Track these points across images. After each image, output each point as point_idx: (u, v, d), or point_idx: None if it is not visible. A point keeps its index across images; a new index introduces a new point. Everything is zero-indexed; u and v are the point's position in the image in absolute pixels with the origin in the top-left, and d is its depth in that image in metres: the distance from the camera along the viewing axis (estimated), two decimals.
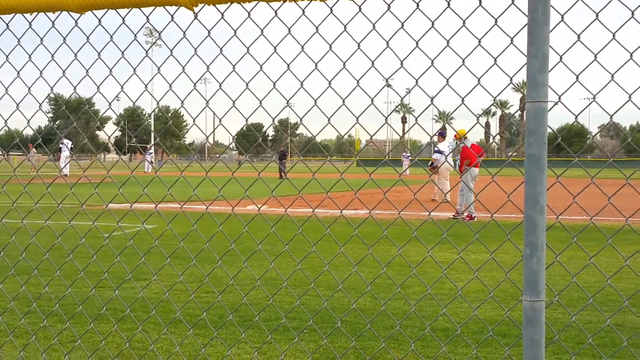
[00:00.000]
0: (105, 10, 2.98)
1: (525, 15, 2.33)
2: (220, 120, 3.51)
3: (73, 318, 5.55)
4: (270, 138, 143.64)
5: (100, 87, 3.61)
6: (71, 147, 36.54)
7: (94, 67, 3.57)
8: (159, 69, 3.52)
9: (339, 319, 4.30)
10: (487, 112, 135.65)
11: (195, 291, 6.67)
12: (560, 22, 2.46)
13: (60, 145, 34.87)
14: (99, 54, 3.54)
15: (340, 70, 3.00)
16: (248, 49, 3.16)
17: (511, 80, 2.69)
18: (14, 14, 3.18)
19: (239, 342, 5.24)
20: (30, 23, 3.45)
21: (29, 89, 3.73)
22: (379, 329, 5.58)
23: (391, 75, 3.10)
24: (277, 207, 16.09)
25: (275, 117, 3.31)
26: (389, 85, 3.58)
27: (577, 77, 2.53)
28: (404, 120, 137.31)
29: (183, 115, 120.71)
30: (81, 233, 3.89)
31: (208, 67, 3.29)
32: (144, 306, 6.10)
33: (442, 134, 18.84)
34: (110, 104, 3.70)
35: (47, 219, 3.75)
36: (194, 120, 3.49)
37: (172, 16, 3.08)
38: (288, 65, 3.11)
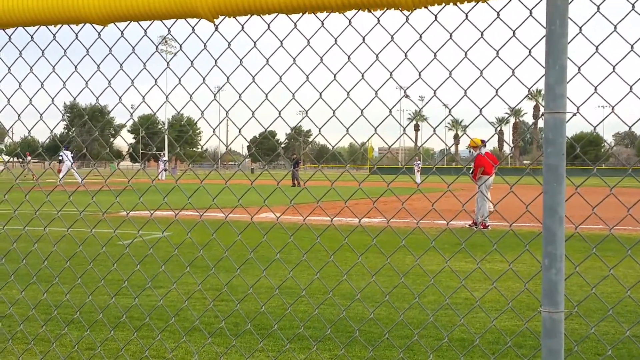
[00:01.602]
0: (128, 22, 3.03)
1: (543, 27, 2.35)
2: (240, 130, 3.55)
3: (92, 326, 5.60)
4: (282, 146, 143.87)
5: (121, 97, 3.67)
6: (72, 157, 36.58)
7: (110, 76, 3.62)
8: (179, 79, 3.56)
9: (356, 328, 4.32)
10: (500, 121, 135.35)
11: (214, 300, 6.70)
12: (578, 33, 2.48)
13: (60, 156, 34.90)
14: (121, 65, 3.58)
15: (359, 81, 3.04)
16: (267, 60, 3.20)
17: (529, 91, 2.71)
18: (38, 26, 3.23)
19: (256, 351, 5.27)
20: (54, 35, 3.51)
21: (53, 99, 3.79)
22: (395, 339, 5.59)
23: (409, 86, 3.13)
24: (291, 215, 16.12)
25: (294, 128, 3.35)
26: (407, 96, 3.61)
27: (595, 89, 2.55)
28: (417, 128, 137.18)
29: (196, 123, 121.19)
30: (102, 241, 3.94)
31: (228, 78, 3.33)
32: (162, 314, 6.14)
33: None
34: (132, 114, 3.75)
35: (69, 227, 3.81)
36: (214, 131, 3.54)
37: (192, 28, 3.13)
38: (307, 77, 3.15)
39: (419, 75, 2.95)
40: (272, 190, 3.70)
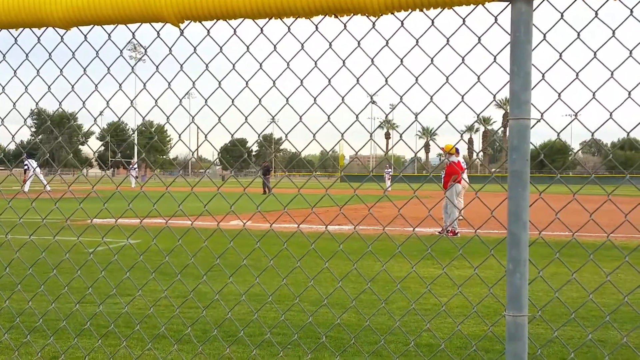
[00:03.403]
0: (91, 26, 2.99)
1: (508, 34, 2.37)
2: (205, 136, 3.52)
3: (56, 334, 5.52)
4: (254, 153, 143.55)
5: (85, 102, 3.62)
6: (36, 166, 36.05)
7: (75, 81, 3.58)
8: (144, 84, 3.53)
9: (323, 334, 4.31)
10: (470, 129, 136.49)
11: (180, 306, 6.65)
12: (542, 40, 2.51)
13: (25, 165, 34.40)
14: (84, 69, 3.55)
15: (326, 87, 3.03)
16: (234, 65, 3.18)
17: (494, 97, 2.73)
18: (22, 29, 3.18)
19: (223, 357, 5.23)
20: (15, 39, 3.46)
21: (14, 104, 3.73)
22: (362, 345, 5.59)
23: (376, 92, 3.12)
24: (261, 223, 16.07)
25: (261, 133, 3.33)
26: (373, 102, 3.62)
27: (559, 95, 2.57)
28: (387, 136, 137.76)
29: (167, 130, 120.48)
30: (65, 248, 3.88)
31: (194, 83, 3.31)
32: (128, 321, 6.06)
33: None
34: (95, 119, 3.71)
35: (31, 234, 3.75)
36: (179, 136, 3.50)
37: (158, 32, 3.11)
38: (274, 82, 3.13)
39: (386, 81, 2.96)
40: (239, 197, 3.68)
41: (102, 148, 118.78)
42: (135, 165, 54.90)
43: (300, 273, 7.90)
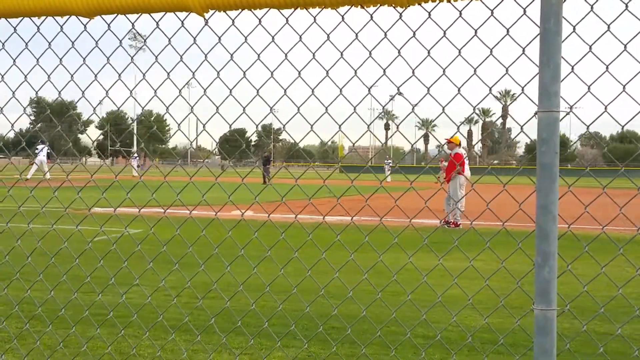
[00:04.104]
0: (115, 15, 2.94)
1: (537, 26, 2.33)
2: (204, 126, 3.51)
3: (55, 322, 5.52)
4: (253, 143, 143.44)
5: (84, 92, 3.62)
6: (48, 153, 35.92)
7: (75, 70, 3.56)
8: (144, 75, 3.51)
9: (321, 323, 4.30)
10: (469, 121, 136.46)
11: (177, 296, 6.65)
12: (572, 32, 2.48)
13: (37, 150, 34.33)
14: (84, 59, 3.54)
15: (324, 78, 3.01)
16: (232, 55, 3.17)
17: (490, 90, 2.72)
18: (21, 18, 3.12)
19: (222, 346, 5.24)
20: (15, 28, 3.45)
21: (14, 93, 3.73)
22: (386, 335, 5.52)
23: (374, 83, 3.11)
24: (261, 213, 16.07)
25: (259, 124, 3.32)
26: (370, 94, 3.61)
27: (589, 88, 2.54)
28: (387, 127, 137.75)
29: (166, 119, 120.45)
30: (64, 237, 3.88)
31: (194, 73, 3.28)
32: (127, 311, 6.07)
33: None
34: (95, 108, 3.71)
35: (29, 221, 3.75)
36: (178, 126, 3.48)
37: (182, 22, 3.05)
38: (272, 73, 3.12)
39: (384, 72, 2.94)
40: (237, 187, 3.68)
41: (102, 137, 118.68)
42: (136, 155, 55.02)
43: (300, 263, 7.90)
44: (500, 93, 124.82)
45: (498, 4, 2.55)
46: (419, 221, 15.65)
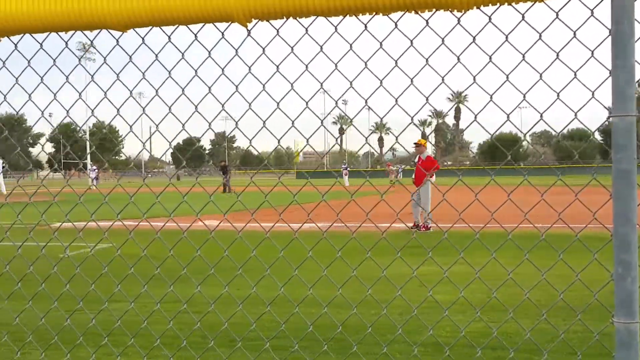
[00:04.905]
0: (150, 27, 2.78)
1: (606, 28, 2.26)
2: (157, 126, 3.44)
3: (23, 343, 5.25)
4: (207, 152, 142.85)
5: (31, 95, 3.53)
6: (3, 167, 35.20)
7: (23, 78, 3.51)
8: (92, 76, 3.46)
9: (325, 341, 4.11)
10: (423, 123, 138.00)
11: (124, 311, 6.39)
12: None
13: None
14: (16, 77, 3.43)
15: (274, 74, 2.99)
16: (183, 54, 3.09)
17: (558, 95, 2.57)
18: (48, 33, 2.94)
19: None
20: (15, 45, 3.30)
21: None
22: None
23: (325, 80, 3.06)
24: (227, 223, 15.80)
25: (212, 122, 3.28)
26: (324, 90, 3.56)
27: None
28: (341, 131, 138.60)
29: (118, 130, 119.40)
30: (26, 255, 3.69)
31: (144, 74, 3.22)
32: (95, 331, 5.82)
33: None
34: (42, 112, 3.62)
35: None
36: (130, 127, 3.42)
37: (222, 33, 2.93)
38: (222, 70, 3.06)
39: (335, 66, 2.88)
40: (206, 204, 3.54)
41: (53, 149, 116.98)
42: (95, 167, 54.60)
43: (277, 276, 7.70)
44: (453, 94, 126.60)
45: (563, 6, 2.46)
46: (384, 225, 15.61)
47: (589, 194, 2.69)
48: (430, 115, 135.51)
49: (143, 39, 3.02)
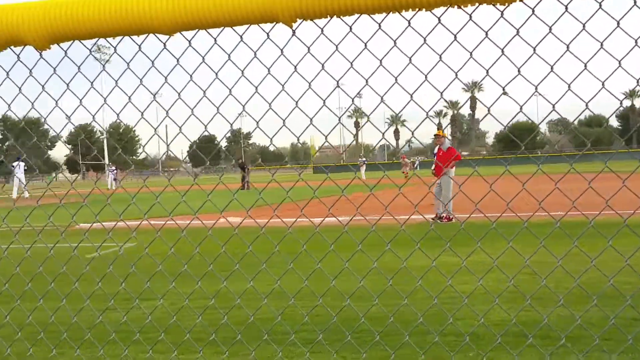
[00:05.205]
0: (196, 30, 2.78)
1: None
2: (180, 128, 3.49)
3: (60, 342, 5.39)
4: (225, 149, 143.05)
5: (58, 101, 3.58)
6: (25, 169, 35.53)
7: (45, 81, 3.52)
8: (116, 82, 3.46)
9: (348, 333, 4.21)
10: (439, 114, 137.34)
11: (154, 308, 6.51)
12: None
13: (12, 167, 34.05)
14: (41, 85, 3.45)
15: (292, 74, 3.01)
16: (204, 57, 3.15)
17: (603, 84, 2.64)
18: (97, 39, 2.94)
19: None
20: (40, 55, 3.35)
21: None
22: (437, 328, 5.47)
23: (342, 77, 3.08)
24: (251, 219, 15.90)
25: (233, 122, 3.34)
26: (339, 86, 3.63)
27: None
28: (357, 124, 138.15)
29: (135, 130, 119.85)
30: (61, 255, 3.78)
31: (166, 78, 3.27)
32: (128, 329, 5.94)
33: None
34: (69, 117, 3.66)
35: (29, 247, 3.61)
36: (155, 130, 3.49)
37: (267, 34, 2.95)
38: (242, 72, 3.08)
39: (351, 65, 2.91)
40: (229, 202, 3.62)
41: (71, 152, 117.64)
42: (114, 167, 54.93)
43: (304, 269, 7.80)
44: (467, 85, 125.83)
45: None
46: (403, 217, 15.59)
47: (605, 180, 2.69)
48: (445, 106, 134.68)
49: (189, 41, 2.99)
